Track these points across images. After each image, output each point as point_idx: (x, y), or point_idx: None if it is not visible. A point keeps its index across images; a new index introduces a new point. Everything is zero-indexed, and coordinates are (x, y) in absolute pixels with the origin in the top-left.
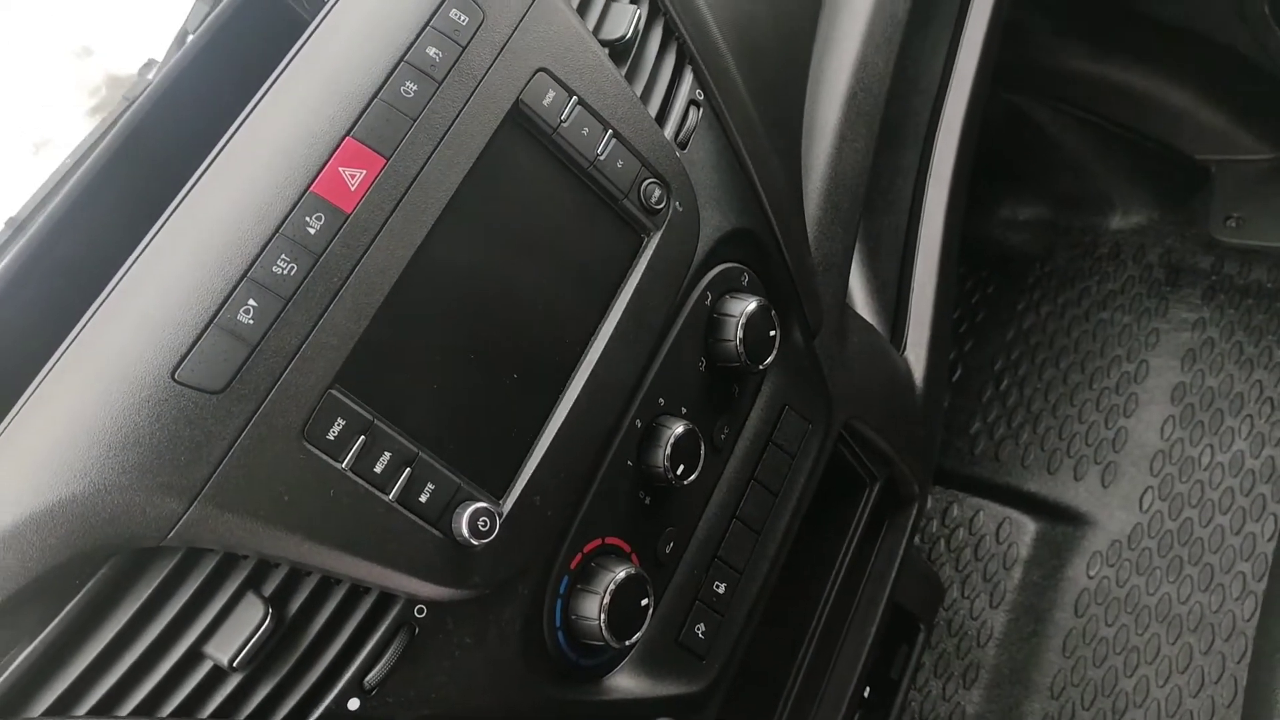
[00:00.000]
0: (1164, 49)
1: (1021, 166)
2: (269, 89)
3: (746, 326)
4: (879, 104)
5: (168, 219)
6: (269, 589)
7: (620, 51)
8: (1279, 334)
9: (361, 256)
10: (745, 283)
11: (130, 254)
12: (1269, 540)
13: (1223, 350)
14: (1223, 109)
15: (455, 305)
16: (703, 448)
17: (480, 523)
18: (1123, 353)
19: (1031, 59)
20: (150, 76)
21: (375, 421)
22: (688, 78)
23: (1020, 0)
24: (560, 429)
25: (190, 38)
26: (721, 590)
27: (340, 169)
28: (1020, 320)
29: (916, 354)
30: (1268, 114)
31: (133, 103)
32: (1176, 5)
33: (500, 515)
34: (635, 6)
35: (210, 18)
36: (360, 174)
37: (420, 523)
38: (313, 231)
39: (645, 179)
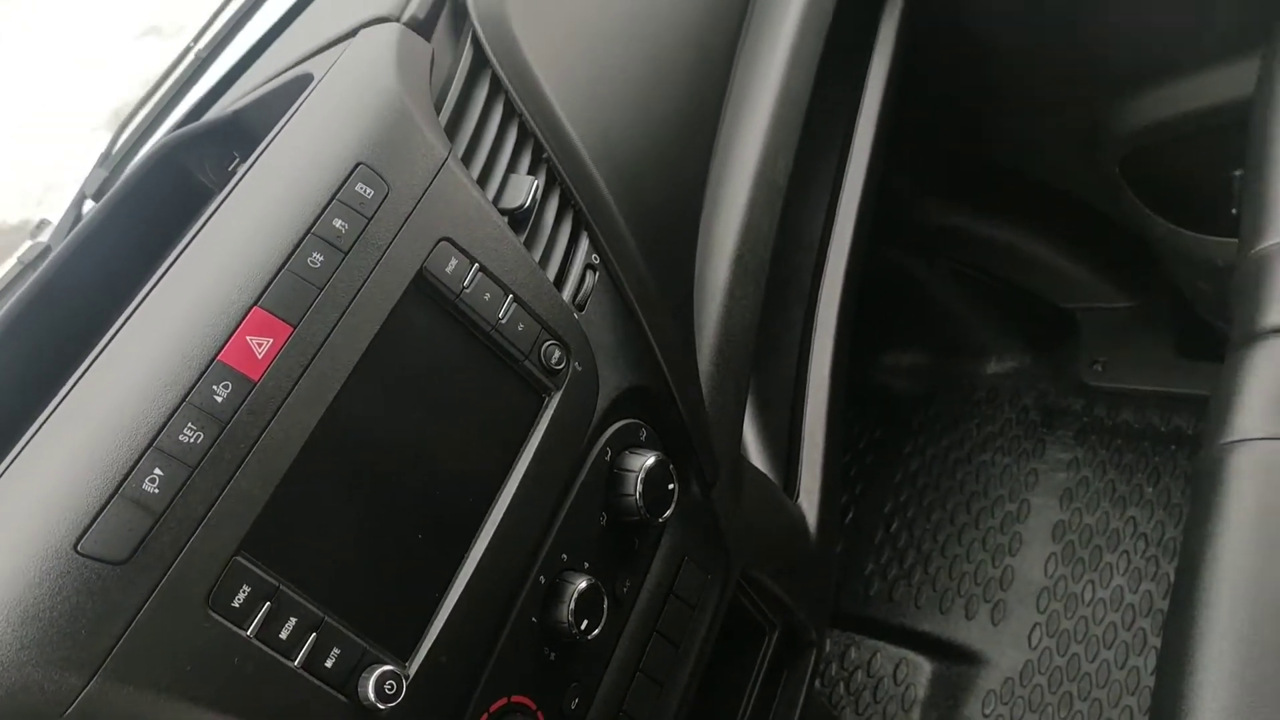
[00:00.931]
0: (1029, 206)
1: (902, 316)
2: (177, 258)
3: (645, 481)
4: (765, 263)
5: (73, 387)
6: None
7: (519, 219)
8: (1148, 472)
9: (268, 423)
10: (643, 438)
11: (33, 423)
12: (1152, 674)
13: (1097, 489)
14: (1084, 261)
15: (361, 468)
16: (605, 602)
17: (387, 686)
18: (1005, 493)
19: (906, 217)
20: (44, 239)
21: (281, 587)
22: (584, 243)
23: (894, 163)
24: (465, 588)
25: (89, 203)
26: None
27: (248, 338)
28: (907, 463)
29: (809, 501)
30: (1124, 265)
31: (27, 266)
32: (1038, 165)
33: (407, 678)
34: (533, 177)
35: (117, 185)
36: (267, 342)
37: (326, 689)
38: (220, 400)
39: (545, 340)
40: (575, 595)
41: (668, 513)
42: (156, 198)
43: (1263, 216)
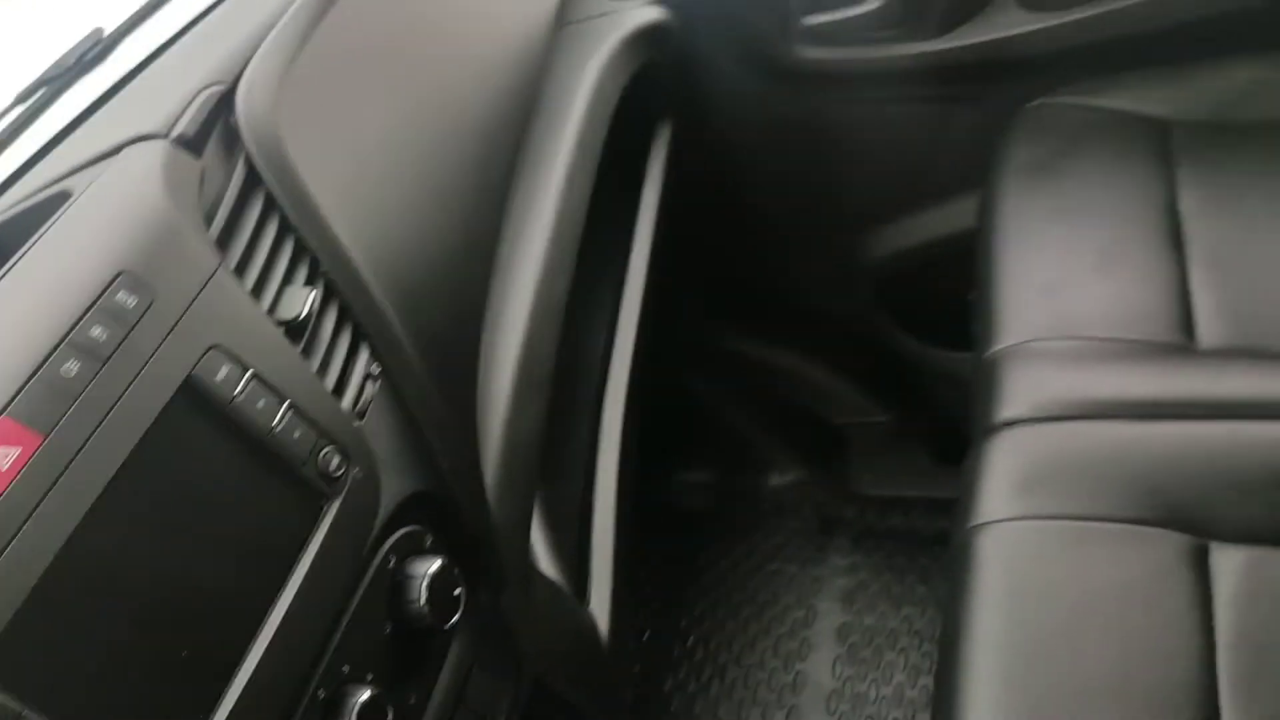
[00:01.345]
0: (802, 330)
1: (691, 435)
2: None
3: (430, 587)
4: (547, 378)
5: None
6: None
7: (296, 329)
8: (918, 571)
9: (11, 539)
10: (429, 544)
11: None
12: None
13: (874, 590)
14: (850, 380)
15: (119, 585)
16: (390, 714)
17: None
18: (793, 600)
19: (695, 339)
20: None
21: (25, 712)
22: (364, 353)
23: (683, 285)
24: (235, 706)
25: None
26: None
27: None
28: (700, 577)
29: (600, 608)
30: (884, 382)
31: None
32: (809, 291)
33: None
34: (311, 288)
35: None
36: (14, 452)
37: None
38: None
39: (323, 447)
40: (357, 709)
41: (455, 619)
42: None
43: (991, 327)
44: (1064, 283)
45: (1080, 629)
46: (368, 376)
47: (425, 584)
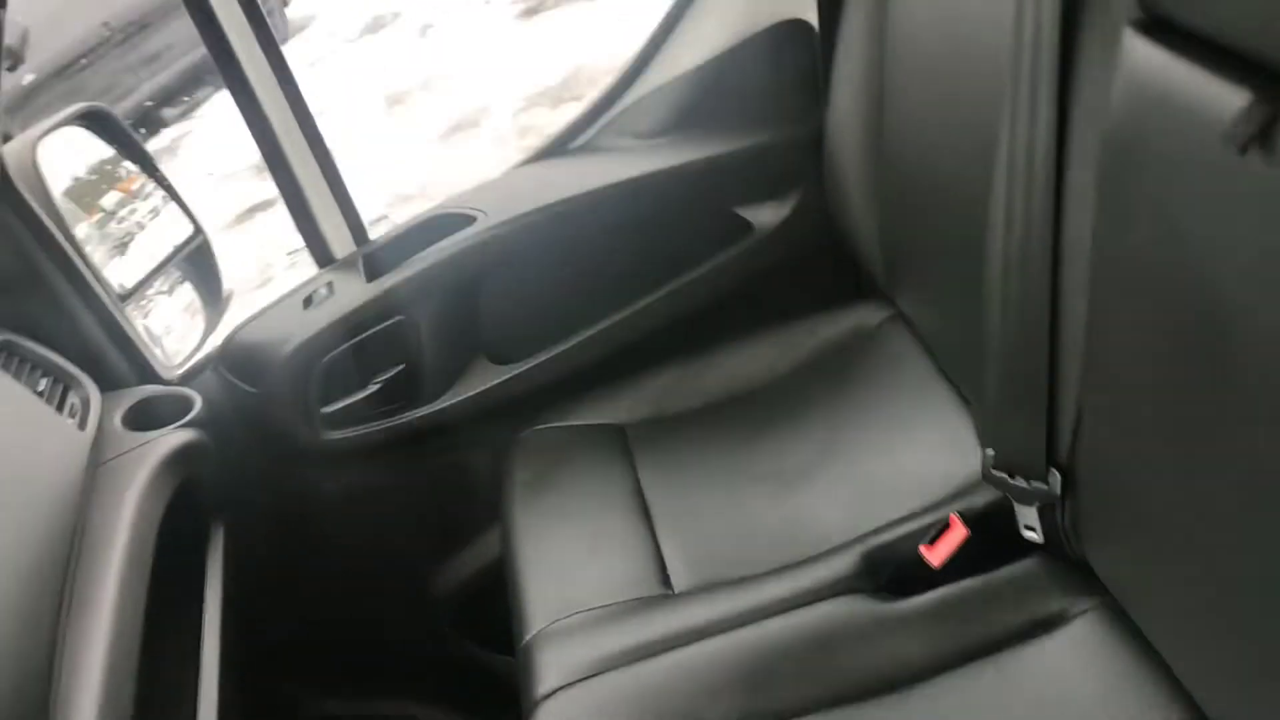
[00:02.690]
0: (397, 678)
1: None
2: None
3: None
4: None
5: None
6: None
7: None
8: None
9: None
10: None
11: None
12: None
13: None
14: (445, 706)
15: None
16: None
17: None
18: None
19: (303, 715)
20: None
21: None
22: None
23: (280, 672)
24: None
25: None
26: None
27: None
28: None
29: None
30: (478, 697)
31: None
32: (393, 639)
33: None
34: None
35: None
36: None
37: None
38: None
39: None
40: None
41: None
42: None
43: (521, 623)
44: (568, 570)
45: None
46: None
47: None
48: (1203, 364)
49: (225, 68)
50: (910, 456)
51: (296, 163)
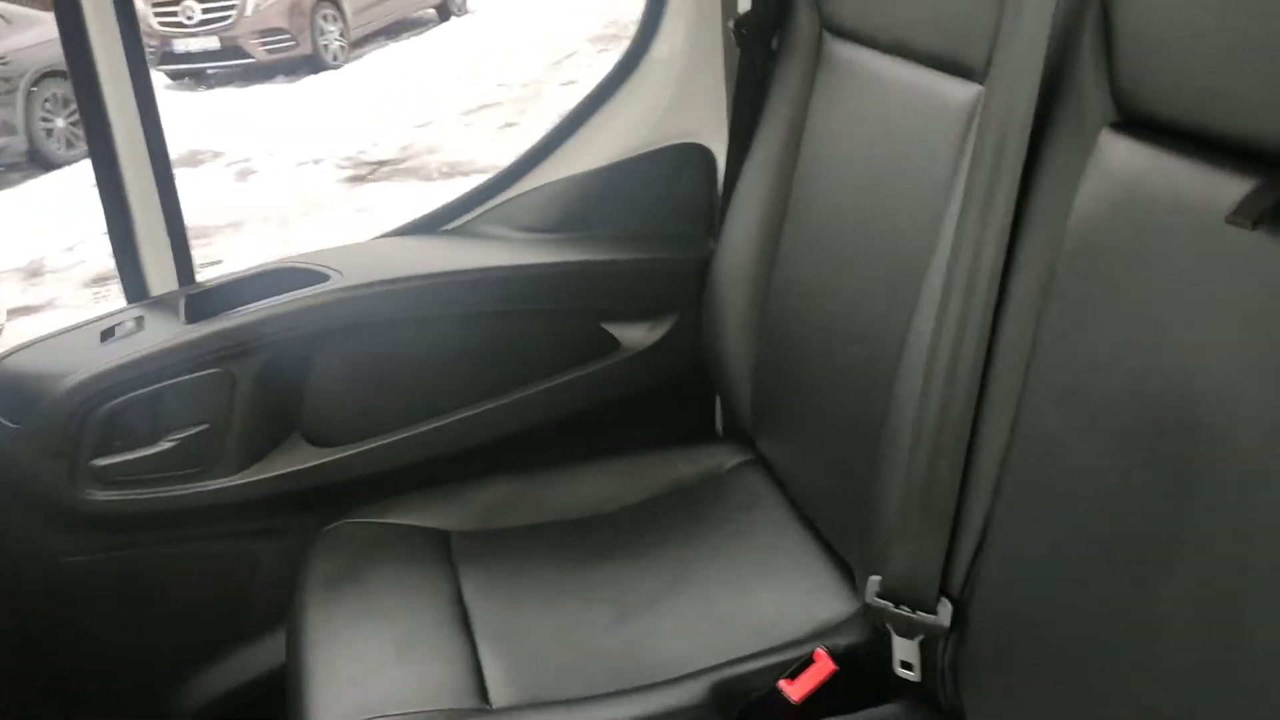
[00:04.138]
0: None
1: None
2: None
3: None
4: None
5: None
6: None
7: None
8: None
9: None
10: None
11: None
12: None
13: None
14: None
15: None
16: None
17: None
18: None
19: None
20: None
21: None
22: None
23: None
24: None
25: None
26: None
27: None
28: None
29: None
30: None
31: None
32: None
33: None
34: None
35: None
36: None
37: None
38: None
39: None
40: None
41: None
42: None
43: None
44: (367, 674)
45: None
46: None
47: None
48: (1157, 471)
49: (75, 59)
50: (769, 594)
51: (131, 177)
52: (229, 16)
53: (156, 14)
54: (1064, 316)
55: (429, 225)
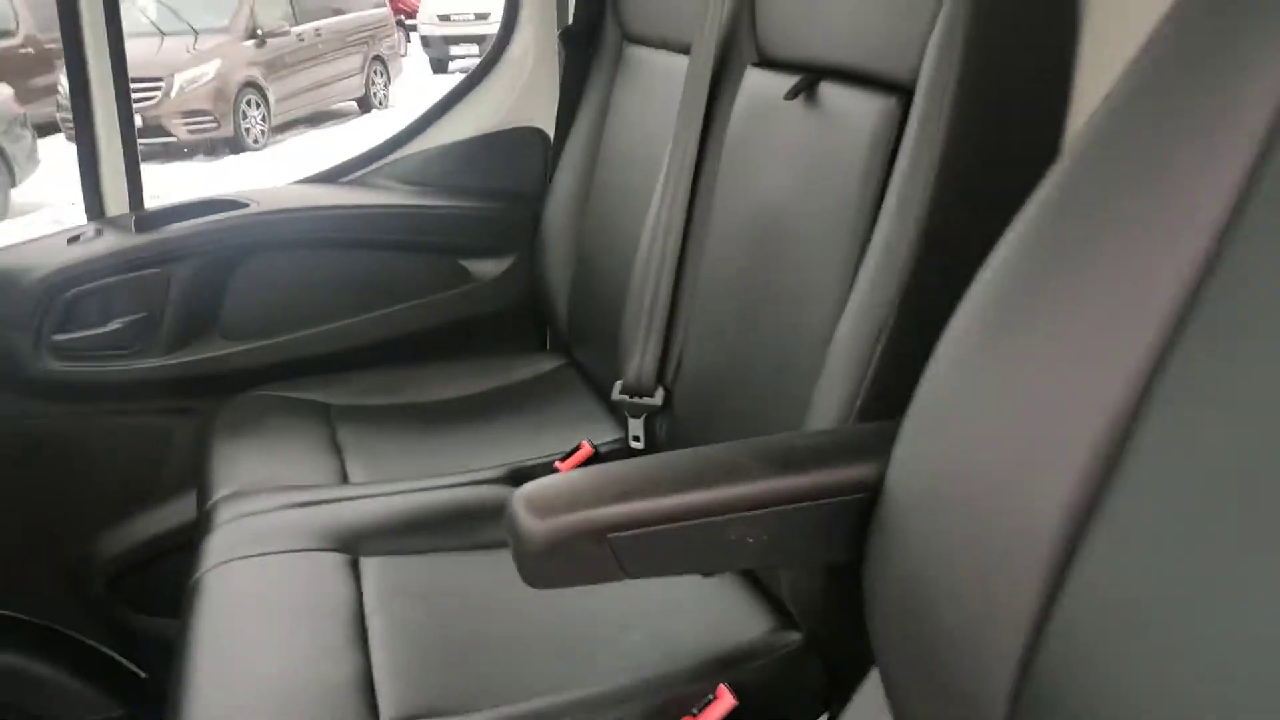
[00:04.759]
0: (28, 638)
1: None
2: None
3: None
4: None
5: None
6: None
7: None
8: None
9: None
10: None
11: None
12: None
13: None
14: (86, 679)
15: None
16: None
17: None
18: None
19: None
20: None
21: None
22: None
23: None
24: None
25: None
26: None
27: None
28: None
29: None
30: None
31: None
32: (41, 605)
33: None
34: None
35: None
36: None
37: None
38: None
39: None
40: None
41: None
42: None
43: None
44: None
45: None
46: None
47: None
48: (756, 256)
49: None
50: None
51: (101, 114)
52: (154, 96)
53: None
54: (720, 188)
55: (331, 177)
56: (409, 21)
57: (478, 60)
